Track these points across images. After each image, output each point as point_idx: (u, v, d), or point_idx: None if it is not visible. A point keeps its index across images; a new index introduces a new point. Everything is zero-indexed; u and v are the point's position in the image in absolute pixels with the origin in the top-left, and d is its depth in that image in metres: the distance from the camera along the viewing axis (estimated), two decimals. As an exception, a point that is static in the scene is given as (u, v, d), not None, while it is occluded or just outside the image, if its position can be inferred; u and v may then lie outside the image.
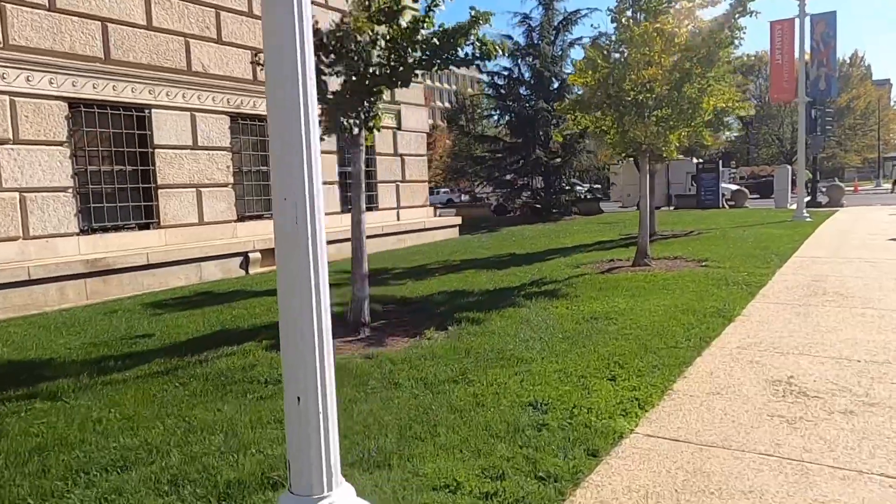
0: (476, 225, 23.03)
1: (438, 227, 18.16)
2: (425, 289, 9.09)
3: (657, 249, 11.69)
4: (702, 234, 14.15)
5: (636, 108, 9.12)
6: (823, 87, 17.54)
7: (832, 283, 7.83)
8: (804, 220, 16.62)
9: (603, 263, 10.42)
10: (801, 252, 10.78)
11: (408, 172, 17.76)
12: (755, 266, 9.20)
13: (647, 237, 9.71)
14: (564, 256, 11.80)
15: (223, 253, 12.05)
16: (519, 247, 14.38)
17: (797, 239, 12.47)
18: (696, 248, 11.51)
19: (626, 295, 7.51)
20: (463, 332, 6.08)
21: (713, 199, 27.71)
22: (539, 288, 8.47)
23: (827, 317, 6.16)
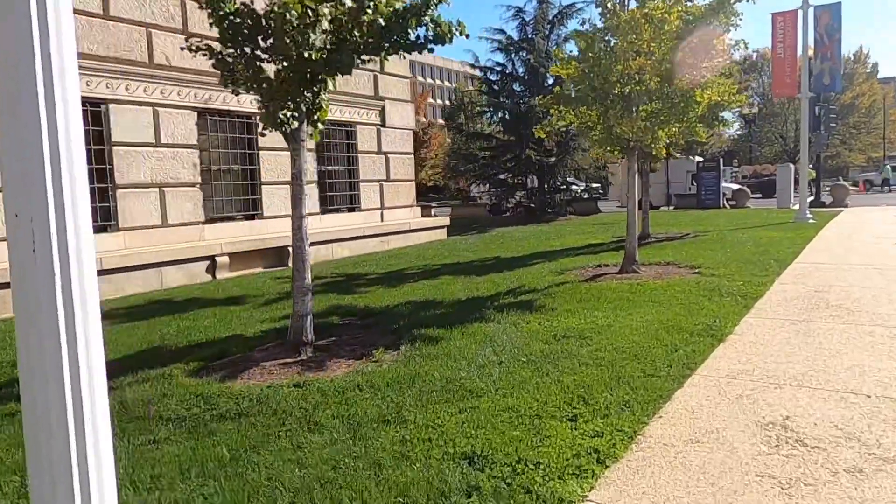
0: (468, 226, 22.31)
1: (425, 229, 17.44)
2: (394, 298, 8.37)
3: (649, 254, 10.95)
4: (698, 237, 13.40)
5: (623, 101, 8.38)
6: (828, 82, 16.77)
7: (836, 295, 7.09)
8: (807, 221, 15.86)
9: (589, 269, 9.69)
10: (803, 258, 10.03)
11: (393, 171, 17.03)
12: (752, 274, 8.45)
13: (634, 242, 8.98)
14: (550, 261, 11.07)
15: (188, 257, 11.34)
16: (505, 250, 13.66)
17: (799, 243, 11.72)
18: (690, 253, 10.76)
19: (608, 308, 6.77)
20: (416, 353, 5.36)
21: (714, 198, 26.94)
22: (515, 298, 7.74)
23: (830, 336, 5.41)
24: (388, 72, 16.74)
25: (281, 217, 13.80)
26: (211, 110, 12.32)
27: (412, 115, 17.70)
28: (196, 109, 12.07)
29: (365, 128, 16.12)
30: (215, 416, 4.04)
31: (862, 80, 61.46)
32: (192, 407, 4.25)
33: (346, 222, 15.32)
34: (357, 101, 15.75)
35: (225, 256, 11.82)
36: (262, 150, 13.36)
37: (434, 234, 17.72)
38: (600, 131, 8.80)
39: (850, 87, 60.11)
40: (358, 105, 15.81)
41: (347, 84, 15.44)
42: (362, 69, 16.29)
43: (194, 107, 12.04)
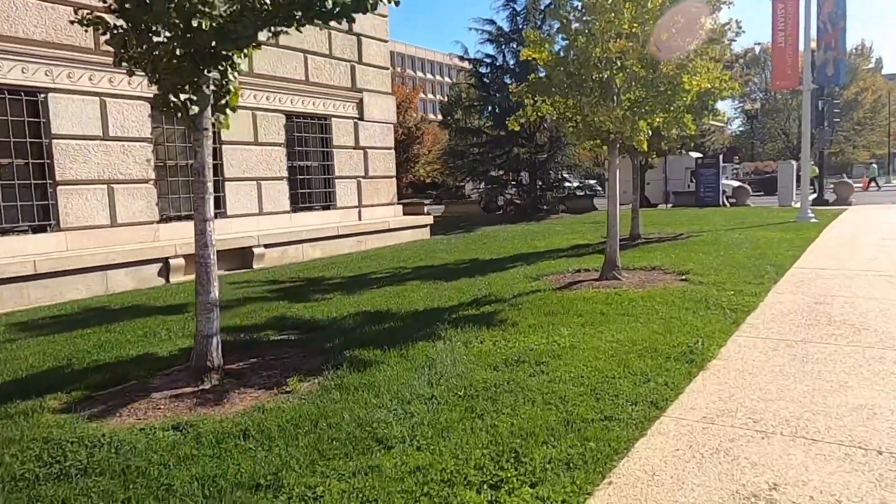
0: (456, 224, 21.46)
1: (406, 228, 16.57)
2: (348, 307, 7.53)
3: (635, 257, 10.07)
4: (691, 238, 12.51)
5: (601, 88, 7.49)
6: (831, 73, 15.84)
7: (840, 308, 6.21)
8: (808, 220, 14.96)
9: (567, 275, 8.82)
10: (803, 262, 9.14)
11: (371, 167, 16.16)
12: (746, 281, 7.57)
13: (616, 245, 8.09)
14: (529, 264, 10.20)
15: (139, 259, 10.49)
16: (486, 251, 12.79)
17: (799, 245, 10.82)
18: (680, 256, 9.88)
19: (576, 323, 5.90)
20: (337, 382, 4.50)
21: (713, 196, 26.02)
22: (477, 309, 6.87)
23: (833, 363, 4.54)
24: (366, 62, 15.86)
25: (246, 216, 12.96)
26: (167, 101, 11.44)
27: (393, 109, 16.82)
28: (150, 100, 11.18)
29: (341, 121, 15.25)
30: (48, 477, 3.19)
31: (866, 75, 60.34)
32: (31, 460, 3.40)
33: (319, 221, 14.46)
34: (332, 92, 14.87)
35: (180, 258, 10.96)
36: (225, 145, 12.50)
37: (416, 233, 16.86)
38: (576, 122, 7.91)
39: (853, 83, 59.05)
40: (333, 97, 14.93)
41: (321, 74, 14.59)
42: (338, 58, 15.48)
43: (148, 97, 11.14)
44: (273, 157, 13.52)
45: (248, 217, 12.97)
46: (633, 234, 12.72)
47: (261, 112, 13.21)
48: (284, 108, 13.74)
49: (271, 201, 13.49)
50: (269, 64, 13.31)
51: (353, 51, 15.54)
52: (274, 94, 13.45)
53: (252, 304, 8.21)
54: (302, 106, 14.16)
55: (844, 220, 15.46)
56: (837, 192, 23.94)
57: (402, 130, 35.29)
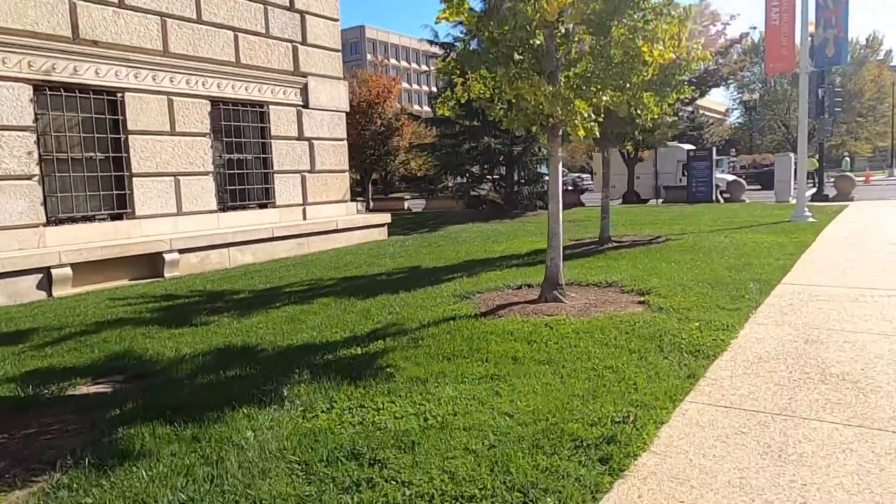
0: (424, 222, 19.85)
1: (359, 228, 14.93)
2: (217, 338, 5.95)
3: (594, 268, 8.44)
4: (670, 242, 10.87)
5: (534, 58, 5.85)
6: (832, 54, 14.17)
7: (838, 350, 4.58)
8: (805, 220, 13.32)
9: (503, 293, 7.18)
10: (795, 275, 7.51)
11: (319, 160, 14.51)
12: (719, 306, 5.95)
13: (558, 260, 6.45)
14: (471, 276, 8.58)
15: (13, 270, 8.87)
16: (435, 256, 11.16)
17: (791, 251, 9.19)
18: (648, 268, 8.25)
19: (474, 376, 4.29)
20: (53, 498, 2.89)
21: (706, 191, 24.40)
22: (364, 347, 5.25)
23: (825, 466, 2.92)
24: (311, 43, 14.18)
25: (160, 216, 11.32)
26: (54, 84, 9.79)
27: (344, 95, 15.15)
28: (31, 82, 9.55)
29: (281, 109, 13.59)
30: None
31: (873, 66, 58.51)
32: None
33: (254, 221, 12.84)
34: (270, 76, 13.20)
35: (66, 268, 9.35)
36: (133, 134, 10.86)
37: (371, 233, 15.22)
38: (509, 104, 6.28)
39: (857, 74, 57.22)
40: (271, 81, 13.27)
41: (256, 56, 12.93)
42: (277, 38, 13.81)
43: (28, 79, 9.51)
44: (195, 148, 11.87)
45: (163, 218, 11.34)
46: (603, 237, 11.09)
47: (179, 97, 11.55)
48: (210, 93, 12.08)
49: (193, 199, 11.85)
50: (188, 42, 11.64)
51: (296, 30, 13.85)
52: (196, 77, 11.79)
53: (110, 331, 6.60)
54: (232, 91, 12.50)
55: (845, 219, 13.82)
56: (838, 186, 22.30)
57: (381, 122, 33.53)
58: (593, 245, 10.97)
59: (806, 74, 13.00)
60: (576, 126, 5.50)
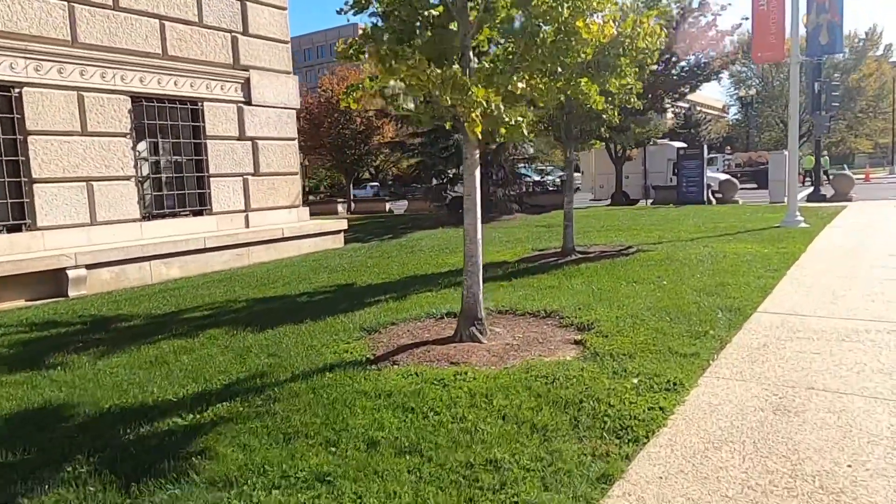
0: (391, 226, 18.58)
1: (309, 236, 13.65)
2: (20, 400, 4.68)
3: (540, 291, 7.17)
4: (641, 254, 9.60)
5: (435, 35, 4.60)
6: (826, 42, 12.87)
7: (817, 429, 3.32)
8: (796, 225, 12.04)
9: (419, 326, 5.92)
10: (775, 300, 6.25)
11: (264, 162, 13.24)
12: (673, 348, 4.68)
13: (477, 288, 5.20)
14: (398, 299, 7.33)
15: None
16: (378, 271, 9.90)
17: (776, 266, 7.92)
18: (602, 290, 6.98)
19: (297, 479, 3.03)
20: None
21: (696, 191, 23.07)
22: (194, 416, 3.99)
23: None
24: (254, 33, 12.91)
25: (68, 227, 10.06)
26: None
27: (294, 91, 13.87)
28: None
29: (219, 106, 12.32)
30: None
31: (872, 61, 57.05)
32: None
33: (186, 230, 11.58)
34: (205, 69, 11.94)
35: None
36: (34, 135, 9.61)
37: (323, 241, 13.95)
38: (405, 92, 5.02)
39: (856, 69, 55.78)
40: (206, 76, 12.00)
41: (188, 47, 11.65)
42: (213, 28, 12.56)
43: None
44: (112, 150, 10.60)
45: (72, 229, 10.08)
46: (566, 248, 9.82)
47: (92, 93, 10.28)
48: (130, 88, 10.82)
49: (109, 207, 10.58)
50: (102, 32, 10.37)
51: (235, 18, 12.58)
52: (113, 71, 10.52)
53: None
54: (158, 86, 11.23)
55: (842, 224, 12.54)
56: (836, 185, 21.02)
57: (361, 120, 32.24)
58: (554, 257, 9.70)
59: (797, 64, 11.73)
60: (472, 121, 4.22)
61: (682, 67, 24.02)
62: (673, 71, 24.00)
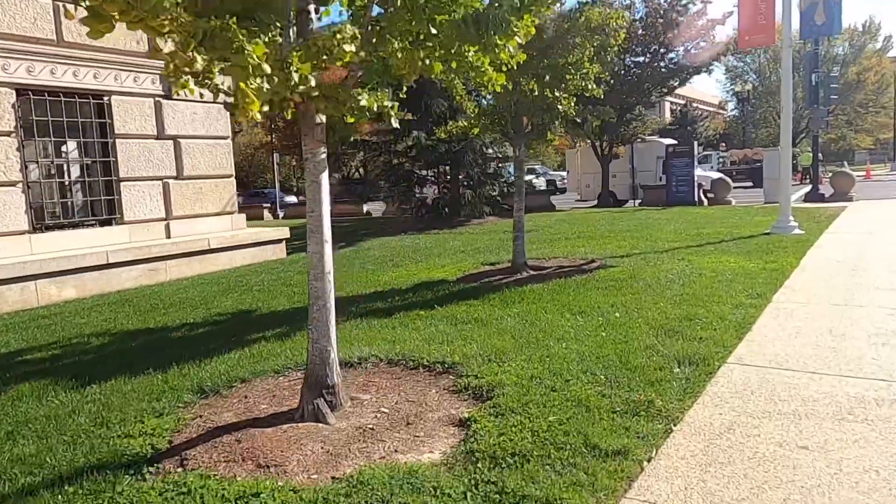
0: (353, 232, 17.08)
1: (244, 246, 12.14)
2: None
3: (458, 326, 5.65)
4: (602, 270, 8.08)
5: None
6: (822, 22, 11.37)
7: None
8: (789, 231, 10.53)
9: (272, 388, 4.42)
10: (753, 343, 4.74)
11: (188, 164, 11.73)
12: (591, 442, 3.17)
13: (328, 342, 3.67)
14: (284, 336, 5.85)
15: None
16: (300, 292, 8.42)
17: (760, 290, 6.41)
18: (534, 328, 5.47)
19: None
20: None
21: (687, 191, 21.55)
22: None
23: None
24: (175, 18, 11.36)
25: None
26: None
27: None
28: None
29: (131, 100, 10.81)
30: None
31: (871, 54, 55.49)
32: None
33: (89, 243, 10.08)
34: (113, 58, 10.42)
35: None
36: None
37: (262, 252, 12.44)
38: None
39: (856, 62, 54.24)
40: (115, 65, 10.49)
41: (89, 33, 10.08)
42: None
43: None
44: (-10, 151, 9.10)
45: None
46: (516, 263, 8.31)
47: (-38, 85, 8.79)
48: (15, 79, 9.31)
49: (-11, 218, 9.09)
50: (-26, 12, 8.87)
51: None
52: (-9, 59, 9.02)
53: None
54: (52, 77, 9.72)
55: (841, 229, 11.04)
56: (835, 184, 19.50)
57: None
58: (501, 275, 8.20)
59: (789, 48, 10.23)
60: (244, 96, 2.72)
61: (670, 59, 22.52)
62: (661, 63, 22.51)
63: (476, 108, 8.29)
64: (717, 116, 66.56)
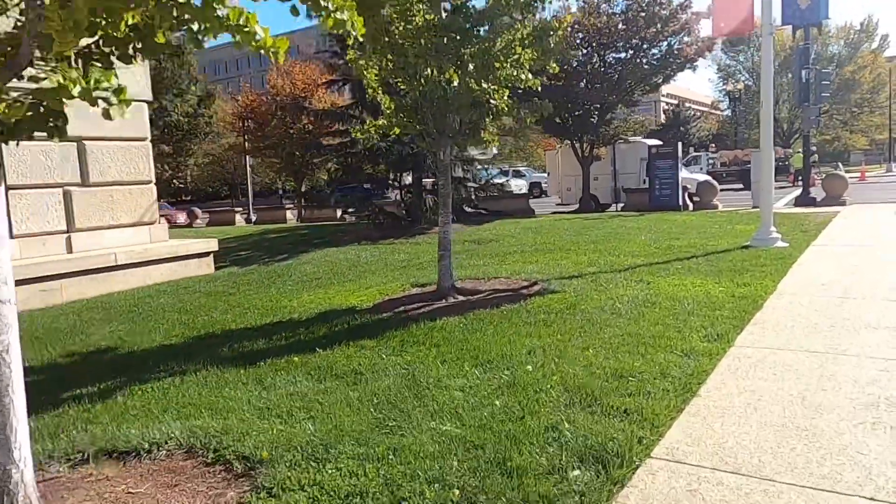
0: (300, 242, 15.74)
1: (162, 261, 10.81)
2: None
3: (325, 383, 4.35)
4: (538, 298, 6.76)
5: None
6: (806, 5, 10.12)
7: None
8: (771, 244, 9.23)
9: None
10: (694, 424, 3.43)
11: (96, 169, 10.41)
12: None
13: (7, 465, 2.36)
14: (108, 398, 4.52)
15: None
16: (188, 322, 7.12)
17: (720, 331, 5.09)
18: (409, 390, 4.16)
19: None
20: None
21: (671, 194, 20.29)
22: None
23: None
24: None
25: None
26: None
27: (143, 78, 11.03)
28: None
29: (22, 97, 9.47)
30: None
31: (867, 53, 54.29)
32: None
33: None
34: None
35: None
36: None
37: (185, 267, 11.11)
38: None
39: (851, 61, 53.07)
40: None
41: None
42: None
43: None
44: None
45: None
46: (441, 287, 7.01)
47: None
48: None
49: None
50: None
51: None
52: None
53: None
54: (-82, 70, 8.37)
55: (830, 241, 9.74)
56: (827, 187, 18.22)
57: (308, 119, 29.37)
58: (422, 302, 6.88)
59: (769, 35, 8.94)
60: None
61: (652, 55, 21.24)
62: (643, 59, 21.23)
63: (391, 102, 6.99)
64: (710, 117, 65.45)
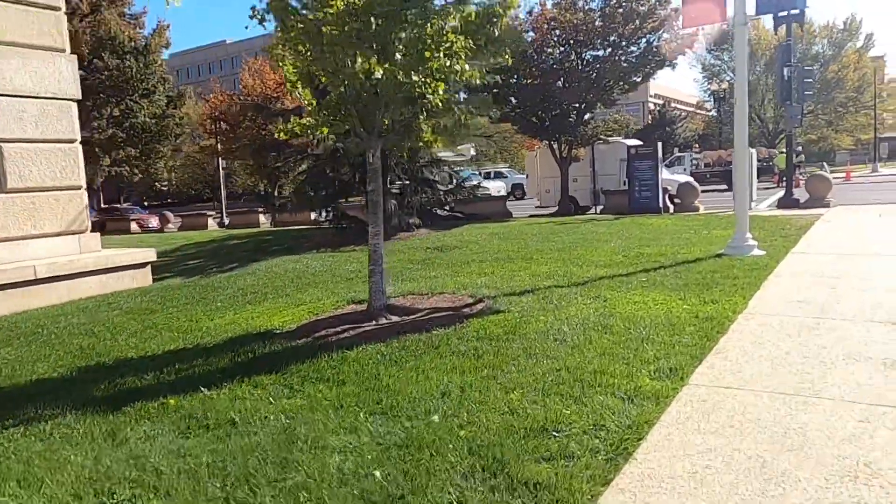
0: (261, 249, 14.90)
1: (90, 273, 9.91)
2: None
3: (193, 436, 3.53)
4: (482, 318, 5.97)
5: None
6: (782, -7, 9.38)
7: None
8: (746, 252, 8.49)
9: None
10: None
11: (17, 173, 9.52)
12: None
13: None
14: None
15: None
16: (86, 348, 6.29)
17: (674, 364, 4.31)
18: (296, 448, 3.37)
19: None
20: None
21: (651, 196, 19.59)
22: None
23: None
24: (-9, -7, 9.19)
25: None
26: None
27: (69, 75, 10.14)
28: None
29: (-76, 94, 8.59)
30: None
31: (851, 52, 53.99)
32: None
33: None
34: None
35: None
36: None
37: (118, 280, 10.22)
38: None
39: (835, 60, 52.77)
40: None
41: None
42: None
43: None
44: None
45: None
46: (372, 308, 6.20)
47: None
48: None
49: None
50: None
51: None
52: None
53: None
54: None
55: (811, 247, 9.03)
56: (810, 189, 17.58)
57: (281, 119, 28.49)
58: (349, 324, 6.07)
59: (743, 26, 8.21)
60: None
61: (631, 53, 20.54)
62: (622, 57, 20.53)
63: (313, 98, 6.20)
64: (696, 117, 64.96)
